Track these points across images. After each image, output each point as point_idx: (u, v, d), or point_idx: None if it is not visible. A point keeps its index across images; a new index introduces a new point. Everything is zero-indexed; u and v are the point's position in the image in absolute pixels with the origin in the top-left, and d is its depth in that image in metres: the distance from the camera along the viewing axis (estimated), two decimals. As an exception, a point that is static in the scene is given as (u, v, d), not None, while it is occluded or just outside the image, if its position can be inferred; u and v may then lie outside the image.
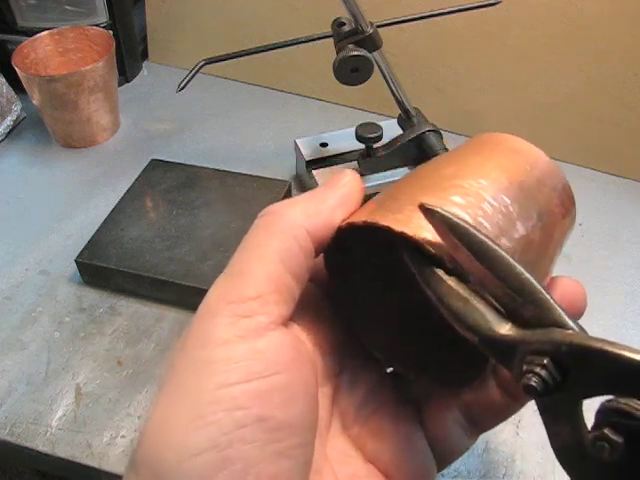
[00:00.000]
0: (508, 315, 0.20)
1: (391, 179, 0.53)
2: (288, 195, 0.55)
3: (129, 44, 0.72)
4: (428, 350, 0.26)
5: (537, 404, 0.20)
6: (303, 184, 0.59)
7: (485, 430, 0.26)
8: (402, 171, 0.54)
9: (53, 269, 0.52)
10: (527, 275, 0.19)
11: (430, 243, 0.21)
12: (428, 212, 0.20)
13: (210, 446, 0.19)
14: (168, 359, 0.21)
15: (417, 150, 0.53)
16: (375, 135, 0.52)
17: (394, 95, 0.54)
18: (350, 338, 0.27)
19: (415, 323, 0.26)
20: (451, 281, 0.21)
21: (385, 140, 0.53)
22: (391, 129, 0.56)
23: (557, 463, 0.20)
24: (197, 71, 0.53)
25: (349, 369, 0.27)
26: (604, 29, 0.56)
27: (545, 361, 0.18)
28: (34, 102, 0.63)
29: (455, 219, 0.20)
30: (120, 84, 0.72)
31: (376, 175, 0.54)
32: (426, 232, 0.21)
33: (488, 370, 0.23)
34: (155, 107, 0.71)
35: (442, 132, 0.54)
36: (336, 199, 0.24)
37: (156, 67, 0.77)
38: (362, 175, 0.54)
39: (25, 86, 0.62)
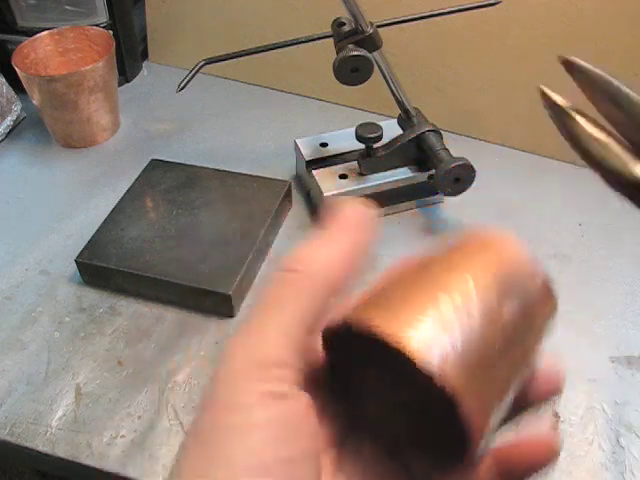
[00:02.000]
0: None
1: (391, 179, 0.53)
2: (288, 195, 0.55)
3: (129, 44, 0.72)
4: (421, 432, 0.27)
5: None
6: (303, 184, 0.59)
7: None
8: (402, 171, 0.54)
9: (53, 269, 0.52)
10: None
11: (419, 353, 0.21)
12: (569, 65, 0.23)
13: None
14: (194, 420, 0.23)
15: (417, 150, 0.53)
16: (375, 135, 0.52)
17: (394, 95, 0.54)
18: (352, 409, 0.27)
19: (408, 404, 0.27)
20: (589, 126, 0.22)
21: (385, 140, 0.53)
22: (391, 129, 0.56)
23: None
24: (197, 71, 0.53)
25: (353, 437, 0.27)
26: (604, 29, 0.56)
27: None
28: (34, 102, 0.63)
29: (595, 69, 0.22)
30: (120, 84, 0.72)
31: (376, 175, 0.54)
32: (407, 338, 0.22)
33: (475, 456, 0.23)
34: (155, 107, 0.71)
35: (442, 132, 0.54)
36: (349, 240, 0.23)
37: (156, 67, 0.77)
38: (362, 175, 0.54)
39: (25, 86, 0.62)
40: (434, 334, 0.22)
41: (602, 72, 0.21)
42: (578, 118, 0.22)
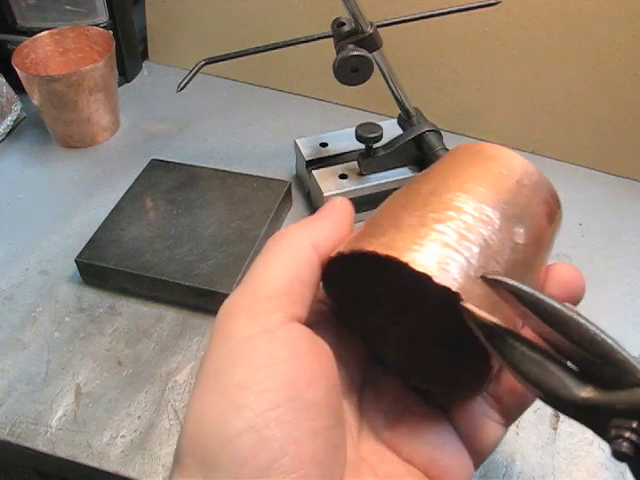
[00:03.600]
0: (586, 376, 0.20)
1: (391, 179, 0.53)
2: (288, 195, 0.55)
3: (129, 44, 0.72)
4: (436, 362, 0.26)
5: (629, 465, 0.19)
6: (303, 184, 0.59)
7: (515, 418, 0.27)
8: (402, 171, 0.54)
9: (53, 269, 0.52)
10: (604, 337, 0.19)
11: (415, 262, 0.21)
12: (491, 282, 0.21)
13: (247, 428, 0.20)
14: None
15: (417, 150, 0.53)
16: (375, 135, 0.52)
17: (394, 95, 0.54)
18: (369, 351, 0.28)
19: (420, 336, 0.27)
20: (524, 346, 0.20)
21: (385, 140, 0.53)
22: (391, 129, 0.56)
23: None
24: (197, 71, 0.53)
25: (373, 379, 0.28)
26: (604, 29, 0.56)
27: (634, 425, 0.18)
28: (34, 102, 0.63)
29: (521, 287, 0.20)
30: (120, 84, 0.72)
31: (376, 175, 0.54)
32: (410, 252, 0.21)
33: (493, 373, 0.23)
34: (155, 107, 0.71)
35: (442, 132, 0.54)
36: (333, 219, 0.26)
37: (156, 67, 0.77)
38: (362, 175, 0.54)
39: (25, 86, 0.62)
40: (440, 251, 0.21)
41: (530, 290, 0.20)
42: (512, 340, 0.21)
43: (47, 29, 0.65)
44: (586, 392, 0.19)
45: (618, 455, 0.18)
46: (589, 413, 0.19)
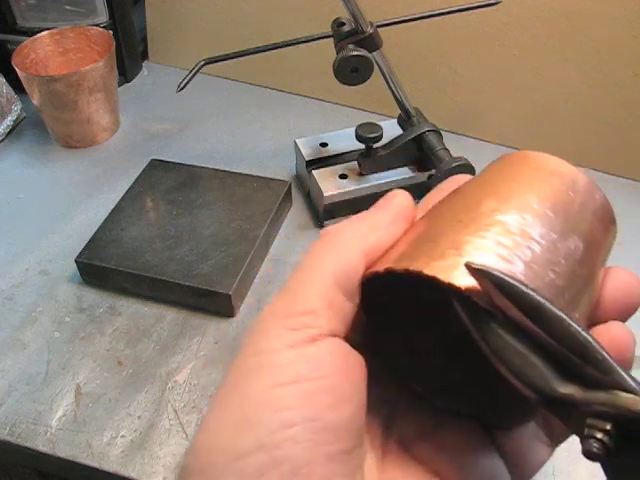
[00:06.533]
0: (566, 373, 0.19)
1: (391, 179, 0.53)
2: (288, 195, 0.55)
3: (129, 44, 0.72)
4: (475, 390, 0.25)
5: (602, 465, 0.19)
6: (303, 184, 0.59)
7: (564, 441, 0.25)
8: (402, 171, 0.54)
9: (53, 269, 0.52)
10: (585, 335, 0.18)
11: (479, 293, 0.20)
12: (475, 272, 0.20)
13: (257, 447, 0.19)
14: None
15: (417, 150, 0.53)
16: (375, 135, 0.52)
17: (394, 95, 0.54)
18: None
19: (460, 361, 0.25)
20: (508, 335, 0.20)
21: (385, 140, 0.53)
22: (391, 129, 0.56)
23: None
24: (197, 71, 0.53)
25: (407, 392, 0.26)
26: (604, 29, 0.56)
27: (608, 427, 0.18)
28: (34, 102, 0.63)
29: (505, 278, 0.19)
30: (120, 84, 0.72)
31: (376, 175, 0.54)
32: (473, 282, 0.20)
33: (540, 413, 0.22)
34: (155, 107, 0.71)
35: (442, 132, 0.54)
36: (389, 219, 0.24)
37: (156, 67, 0.77)
38: (362, 175, 0.54)
39: (25, 86, 0.62)
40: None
41: (514, 281, 0.19)
42: (497, 327, 0.20)
43: (47, 29, 0.65)
44: (565, 388, 0.19)
45: (589, 455, 0.18)
46: (566, 410, 0.19)
